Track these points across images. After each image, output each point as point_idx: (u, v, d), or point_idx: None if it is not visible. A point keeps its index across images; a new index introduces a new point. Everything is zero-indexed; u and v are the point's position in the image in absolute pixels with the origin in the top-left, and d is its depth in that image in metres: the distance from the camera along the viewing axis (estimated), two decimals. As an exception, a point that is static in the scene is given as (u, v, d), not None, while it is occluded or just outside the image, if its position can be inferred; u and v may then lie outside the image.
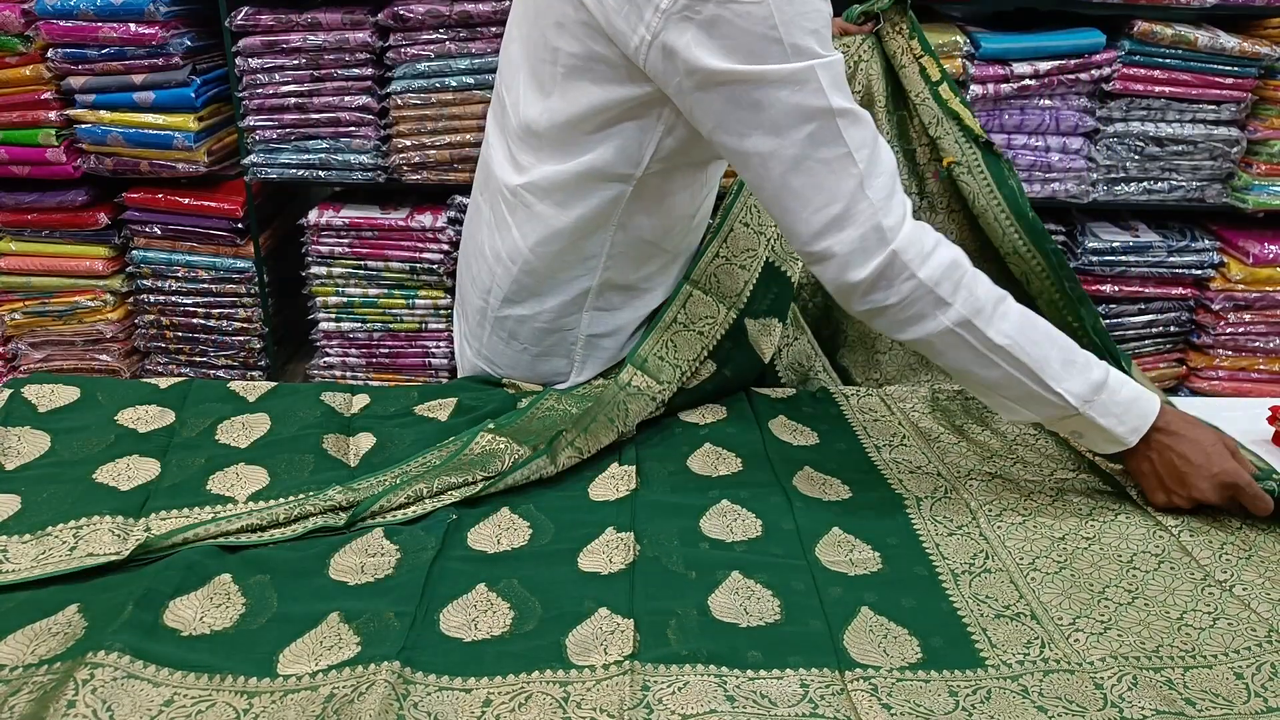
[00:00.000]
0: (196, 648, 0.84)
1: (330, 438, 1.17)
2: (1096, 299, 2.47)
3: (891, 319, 1.03)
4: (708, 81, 0.98)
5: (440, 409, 1.25)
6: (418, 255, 2.48)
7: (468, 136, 2.35)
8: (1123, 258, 2.41)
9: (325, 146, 2.42)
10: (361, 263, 2.51)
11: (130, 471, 1.10)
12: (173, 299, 2.60)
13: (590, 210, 1.18)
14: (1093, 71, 2.26)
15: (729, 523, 1.03)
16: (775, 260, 1.31)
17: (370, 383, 2.58)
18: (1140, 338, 2.54)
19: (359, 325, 2.58)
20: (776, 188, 1.00)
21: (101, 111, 2.39)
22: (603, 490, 1.10)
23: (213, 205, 2.48)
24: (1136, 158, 2.35)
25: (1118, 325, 2.50)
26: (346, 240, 2.49)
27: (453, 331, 1.46)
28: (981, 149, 1.37)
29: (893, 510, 1.08)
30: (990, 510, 1.08)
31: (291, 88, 2.35)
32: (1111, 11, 2.27)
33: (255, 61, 2.33)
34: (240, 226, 2.49)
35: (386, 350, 2.61)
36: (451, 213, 2.46)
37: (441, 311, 2.55)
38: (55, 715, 0.73)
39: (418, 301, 2.54)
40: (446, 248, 2.47)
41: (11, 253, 2.54)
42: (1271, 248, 2.38)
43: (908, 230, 0.99)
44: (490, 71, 2.31)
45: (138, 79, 2.35)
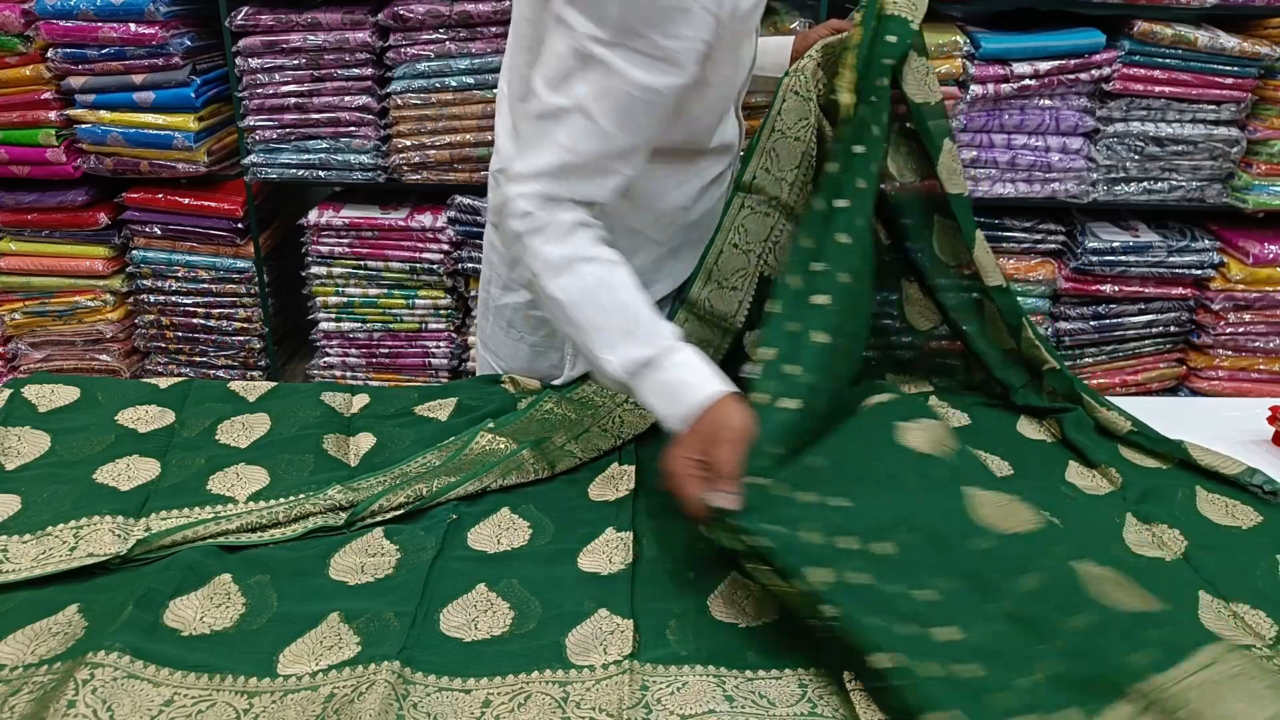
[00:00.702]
0: (197, 647, 0.84)
1: (330, 438, 1.18)
2: (1096, 299, 2.47)
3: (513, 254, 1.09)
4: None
5: (440, 409, 1.25)
6: (418, 255, 2.48)
7: (468, 136, 2.35)
8: (1123, 258, 2.41)
9: (325, 146, 2.42)
10: (361, 263, 2.51)
11: (130, 471, 1.10)
12: (173, 299, 2.60)
13: None
14: (1093, 71, 2.26)
15: None
16: (768, 272, 1.32)
17: (370, 383, 2.58)
18: (1140, 338, 2.54)
19: (359, 325, 2.58)
20: (517, 115, 1.14)
21: (101, 111, 2.39)
22: (602, 490, 1.10)
23: (213, 205, 2.48)
24: (1136, 158, 2.35)
25: (1118, 325, 2.50)
26: (346, 240, 2.49)
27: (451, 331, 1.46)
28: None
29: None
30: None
31: (291, 88, 2.36)
32: (1111, 11, 2.27)
33: (255, 61, 2.34)
34: (240, 226, 2.50)
35: (386, 350, 2.61)
36: (451, 213, 2.46)
37: (441, 311, 2.55)
38: (55, 715, 0.73)
39: (418, 301, 2.54)
40: (446, 248, 2.47)
41: (11, 253, 2.54)
42: (1271, 248, 2.38)
43: (539, 209, 1.02)
44: (490, 71, 2.31)
45: (138, 79, 2.35)
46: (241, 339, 2.63)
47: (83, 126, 2.41)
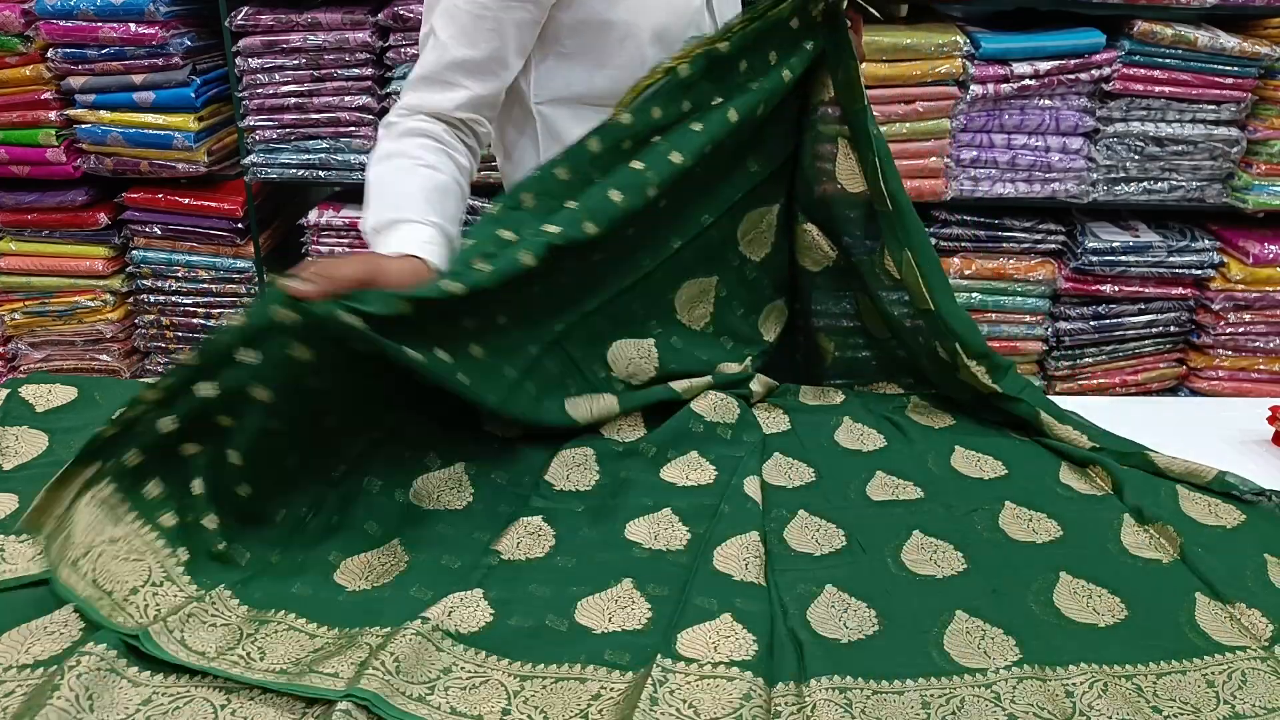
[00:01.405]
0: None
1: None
2: (1096, 299, 2.47)
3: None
4: None
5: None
6: (417, 255, 2.48)
7: (467, 136, 2.35)
8: (1123, 258, 2.41)
9: (325, 146, 2.42)
10: (361, 263, 2.50)
11: (128, 470, 1.10)
12: (173, 299, 2.60)
13: (516, 151, 1.30)
14: (1093, 71, 2.26)
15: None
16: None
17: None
18: (1140, 338, 2.53)
19: (359, 325, 2.58)
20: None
21: (101, 111, 2.39)
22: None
23: (213, 205, 2.48)
24: (1136, 158, 2.35)
25: (1118, 325, 2.50)
26: (346, 240, 2.49)
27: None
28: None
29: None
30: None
31: (291, 88, 2.36)
32: (1111, 11, 2.27)
33: (255, 61, 2.34)
34: (240, 226, 2.50)
35: (386, 350, 2.61)
36: (451, 213, 2.46)
37: (441, 311, 2.55)
38: (40, 697, 0.74)
39: (417, 301, 2.54)
40: (446, 248, 2.47)
41: (11, 253, 2.54)
42: (1271, 248, 2.38)
43: (401, 119, 1.20)
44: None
45: (138, 79, 2.35)
46: (241, 339, 2.63)
47: (83, 126, 2.41)
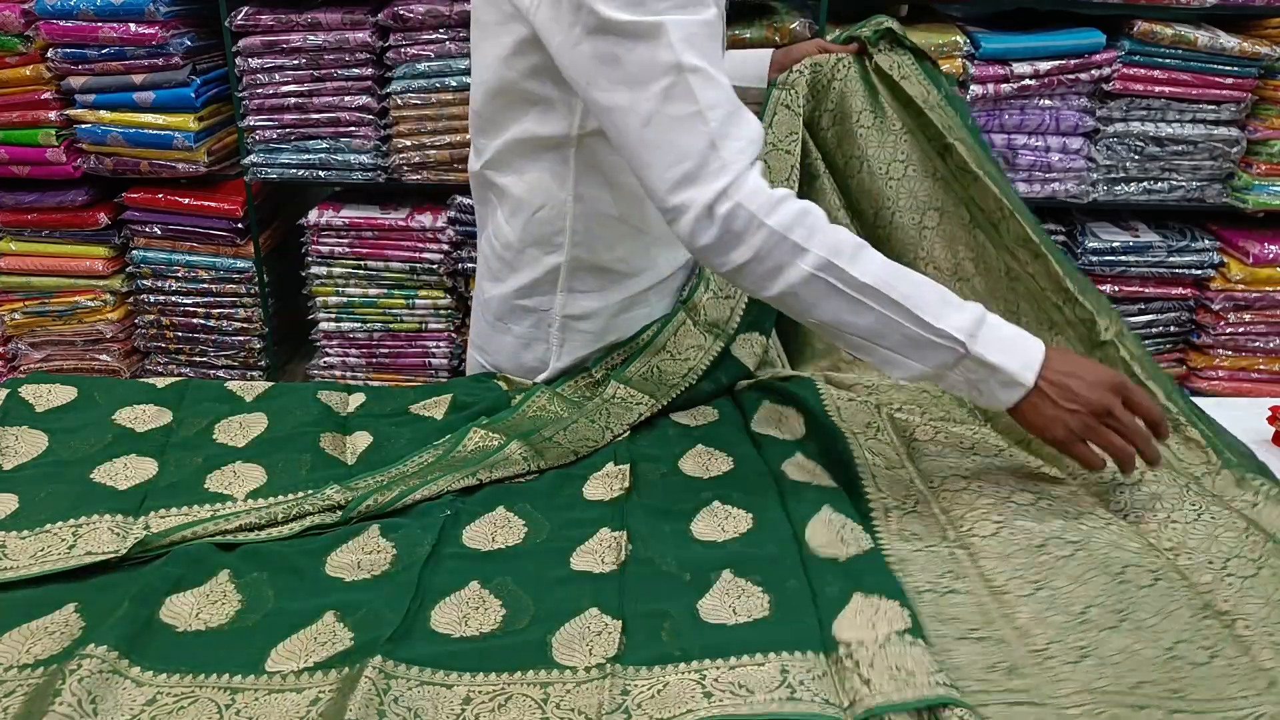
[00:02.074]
0: (189, 645, 0.84)
1: (327, 436, 1.18)
2: (1096, 299, 2.47)
3: (753, 276, 0.99)
4: (583, 35, 0.99)
5: (435, 407, 1.25)
6: (418, 255, 2.48)
7: (468, 137, 2.35)
8: (1123, 258, 2.41)
9: (325, 146, 2.42)
10: (361, 263, 2.51)
11: (128, 471, 1.10)
12: (173, 299, 2.60)
13: (541, 177, 1.20)
14: (1093, 71, 2.26)
15: (720, 523, 1.03)
16: None
17: (370, 383, 2.58)
18: (1140, 338, 2.53)
19: (359, 325, 2.58)
20: (634, 144, 1.00)
21: (101, 111, 2.39)
22: (597, 490, 1.10)
23: (213, 205, 2.48)
24: (1136, 158, 2.35)
25: (1118, 325, 2.50)
26: (346, 240, 2.49)
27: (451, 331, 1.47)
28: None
29: (859, 523, 1.03)
30: (963, 522, 1.03)
31: (291, 88, 2.36)
32: (1111, 11, 2.27)
33: (255, 61, 2.34)
34: (240, 226, 2.50)
35: (386, 350, 2.61)
36: (451, 213, 2.46)
37: (441, 311, 2.55)
38: (42, 704, 0.74)
39: (418, 301, 2.54)
40: (446, 248, 2.48)
41: (11, 253, 2.55)
42: (1271, 248, 2.38)
43: (753, 184, 0.98)
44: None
45: (138, 79, 2.36)
46: (241, 339, 2.64)
47: (83, 126, 2.41)
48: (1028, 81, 2.25)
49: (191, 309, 2.61)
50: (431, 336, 2.58)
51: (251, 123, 2.40)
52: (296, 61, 2.33)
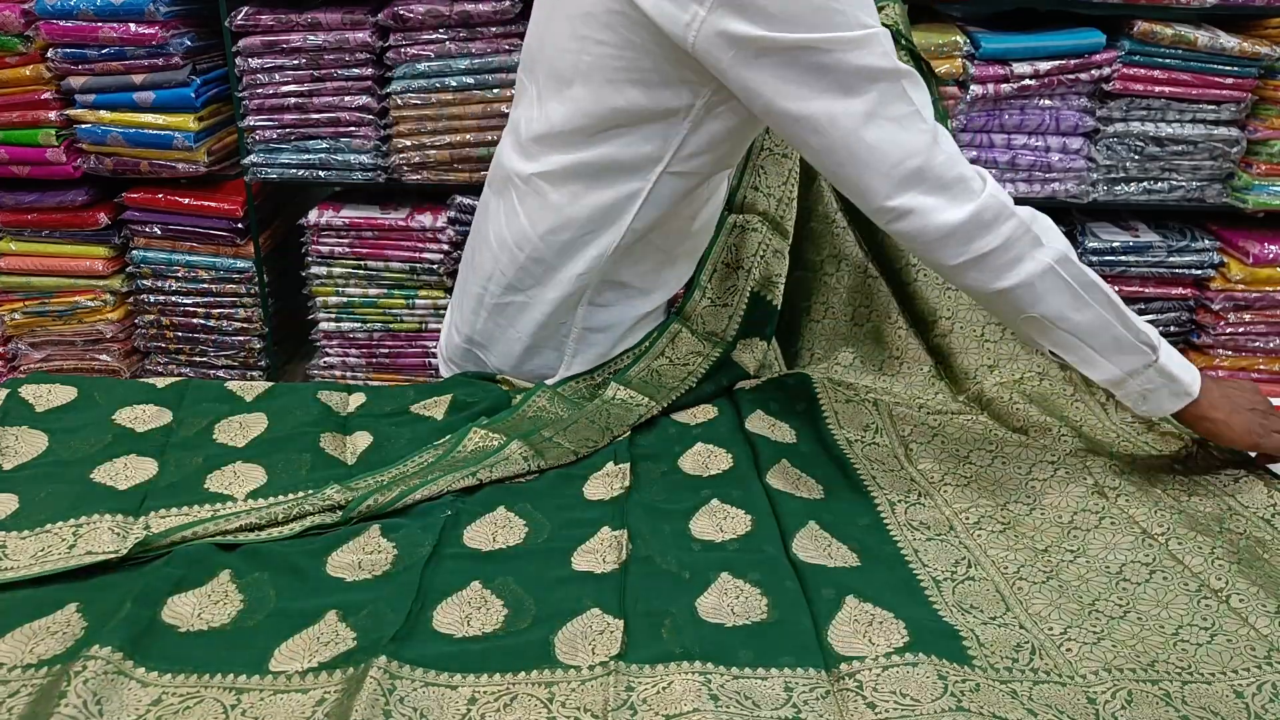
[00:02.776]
0: (191, 645, 0.84)
1: (327, 436, 1.18)
2: (1096, 299, 2.47)
3: (993, 265, 1.02)
4: (770, 49, 0.98)
5: (435, 407, 1.25)
6: (418, 255, 2.48)
7: (468, 136, 2.35)
8: (1123, 258, 2.41)
9: (325, 146, 2.42)
10: (361, 263, 2.51)
11: (128, 471, 1.10)
12: (173, 299, 2.60)
13: (605, 203, 1.18)
14: (1093, 71, 2.25)
15: (719, 522, 1.03)
16: (758, 289, 1.33)
17: (370, 383, 2.58)
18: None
19: (359, 325, 2.58)
20: (848, 148, 1.00)
21: (101, 111, 2.39)
22: (597, 489, 1.10)
23: (213, 205, 2.48)
24: (1136, 158, 2.35)
25: (1118, 325, 2.50)
26: (346, 240, 2.49)
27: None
28: None
29: (866, 513, 1.07)
30: (967, 518, 1.06)
31: (291, 88, 2.36)
32: (1111, 11, 2.27)
33: (255, 61, 2.34)
34: (240, 226, 2.50)
35: (386, 350, 2.61)
36: (451, 213, 2.46)
37: (441, 312, 2.55)
38: (47, 706, 0.74)
39: (418, 301, 2.54)
40: (446, 248, 2.47)
41: (11, 253, 2.54)
42: (1271, 248, 2.38)
43: (991, 180, 1.02)
44: (490, 71, 2.31)
45: (138, 79, 2.35)
46: (241, 339, 2.64)
47: (83, 126, 2.41)
48: (1028, 81, 2.25)
49: (191, 309, 2.61)
50: (431, 336, 2.58)
51: (251, 123, 2.40)
52: (296, 61, 2.33)
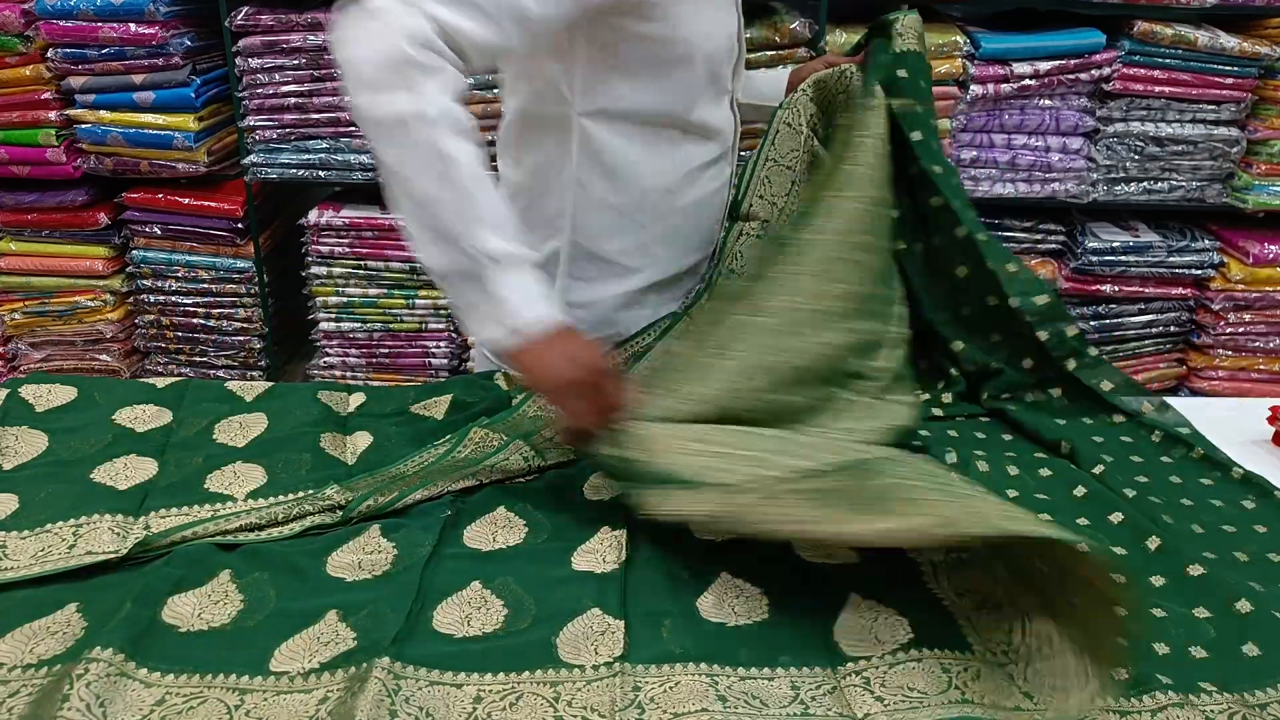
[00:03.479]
0: (192, 645, 0.84)
1: (327, 436, 1.18)
2: (1096, 299, 2.47)
3: (357, 81, 0.95)
4: None
5: (435, 407, 1.25)
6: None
7: (467, 136, 2.35)
8: (1123, 258, 2.41)
9: (325, 146, 2.42)
10: (361, 263, 2.51)
11: (128, 471, 1.10)
12: (173, 299, 2.60)
13: (540, 160, 1.24)
14: (1093, 71, 2.26)
15: None
16: None
17: (370, 383, 2.58)
18: (1140, 338, 2.53)
19: (359, 325, 2.58)
20: None
21: (101, 111, 2.39)
22: (597, 489, 1.10)
23: (213, 205, 2.48)
24: (1136, 158, 2.35)
25: (1118, 325, 2.50)
26: (346, 240, 2.49)
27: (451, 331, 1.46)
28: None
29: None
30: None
31: (291, 88, 2.36)
32: (1111, 11, 2.27)
33: (255, 61, 2.34)
34: (240, 226, 2.50)
35: (386, 350, 2.61)
36: (451, 213, 2.45)
37: (441, 311, 2.55)
38: (50, 709, 0.73)
39: (418, 301, 2.54)
40: (446, 248, 2.47)
41: (11, 253, 2.54)
42: (1271, 248, 2.38)
43: (420, 18, 0.94)
44: (490, 71, 2.30)
45: (138, 79, 2.35)
46: (241, 339, 2.64)
47: (83, 126, 2.41)
48: (1028, 81, 2.25)
49: (191, 309, 2.61)
50: (431, 336, 2.58)
51: (251, 123, 2.40)
52: (296, 61, 2.33)
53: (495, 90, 2.29)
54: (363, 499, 1.03)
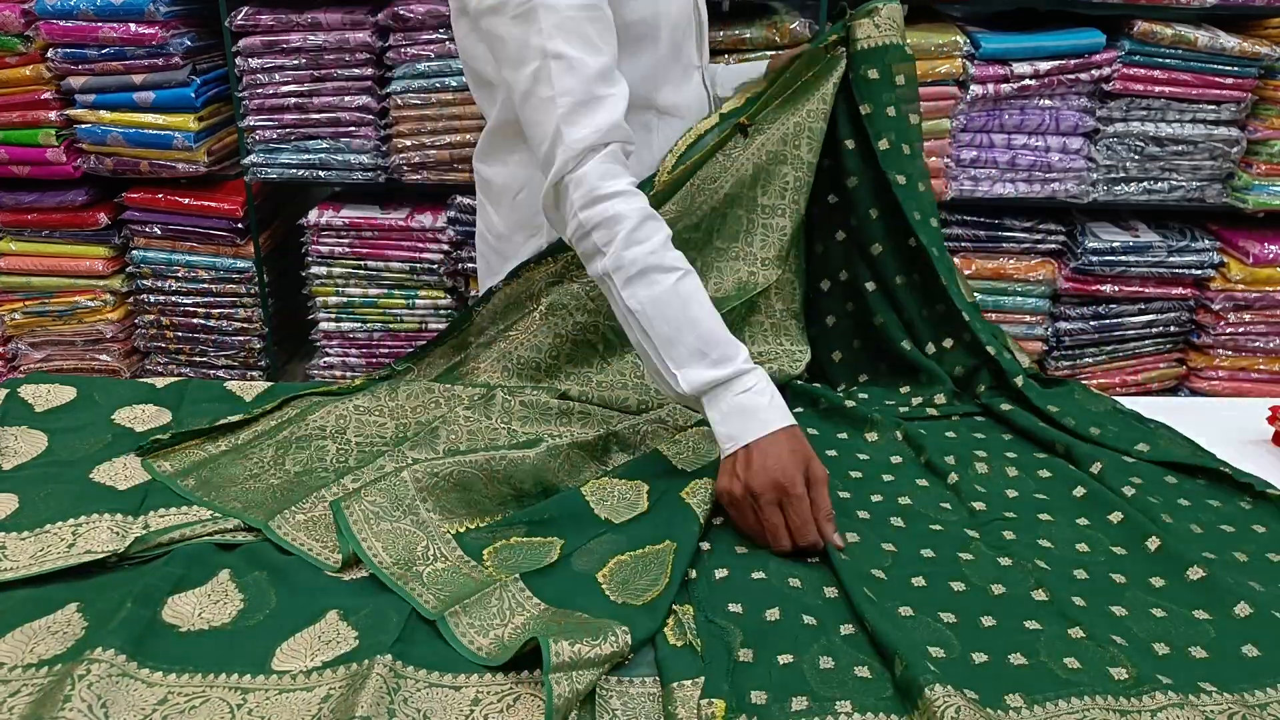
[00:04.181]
0: (193, 644, 0.84)
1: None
2: (1096, 299, 2.47)
3: (580, 253, 1.08)
4: (478, 16, 1.09)
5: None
6: (418, 255, 2.48)
7: (468, 136, 2.35)
8: (1123, 258, 2.41)
9: (325, 146, 2.42)
10: (361, 263, 2.51)
11: (127, 470, 1.10)
12: (173, 299, 2.60)
13: (521, 160, 1.24)
14: (1093, 71, 2.26)
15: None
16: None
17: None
18: (1140, 338, 2.53)
19: (359, 325, 2.58)
20: (521, 121, 1.10)
21: (101, 111, 2.39)
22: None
23: (213, 205, 2.48)
24: (1136, 158, 2.35)
25: (1118, 325, 2.50)
26: (346, 240, 2.49)
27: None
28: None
29: None
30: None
31: (291, 88, 2.36)
32: (1111, 11, 2.27)
33: (255, 61, 2.34)
34: (240, 226, 2.50)
35: (386, 350, 2.61)
36: (451, 213, 2.46)
37: (441, 311, 2.55)
38: (50, 710, 0.73)
39: (418, 301, 2.54)
40: (446, 248, 2.47)
41: (11, 253, 2.54)
42: (1271, 248, 2.38)
43: (587, 171, 1.04)
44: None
45: (138, 79, 2.35)
46: (241, 339, 2.64)
47: (83, 126, 2.41)
48: (1028, 81, 2.25)
49: (191, 309, 2.61)
50: (432, 336, 2.58)
51: (251, 123, 2.40)
52: (296, 61, 2.33)
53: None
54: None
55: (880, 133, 1.29)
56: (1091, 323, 2.49)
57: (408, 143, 2.38)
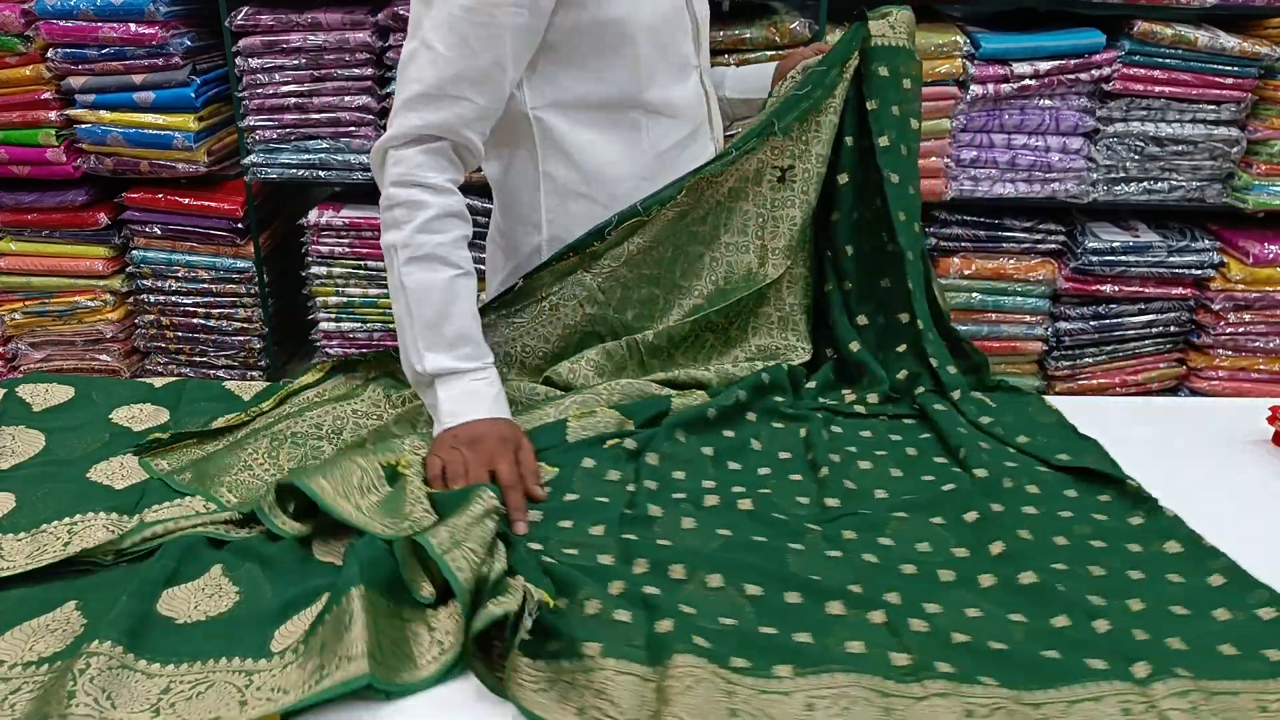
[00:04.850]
0: (190, 635, 0.84)
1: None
2: (1096, 299, 2.47)
3: (380, 215, 1.16)
4: None
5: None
6: (417, 255, 2.48)
7: (467, 136, 2.35)
8: (1123, 258, 2.41)
9: (325, 146, 2.42)
10: (361, 263, 2.51)
11: (125, 470, 1.10)
12: (173, 299, 2.60)
13: (510, 159, 1.28)
14: (1093, 71, 2.25)
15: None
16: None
17: (370, 383, 2.58)
18: (1140, 338, 2.53)
19: (359, 325, 2.58)
20: None
21: (101, 111, 2.40)
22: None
23: (213, 205, 2.48)
24: (1136, 158, 2.35)
25: (1118, 325, 2.50)
26: (346, 240, 2.49)
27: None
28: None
29: None
30: None
31: (291, 88, 2.36)
32: (1111, 11, 2.27)
33: (255, 61, 2.34)
34: (240, 226, 2.50)
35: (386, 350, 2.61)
36: (451, 213, 2.46)
37: (441, 311, 2.55)
38: (57, 707, 0.74)
39: (417, 301, 2.54)
40: (446, 248, 2.47)
41: (11, 253, 2.55)
42: (1271, 248, 2.37)
43: (410, 155, 1.12)
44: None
45: (138, 79, 2.36)
46: (241, 339, 2.64)
47: (83, 126, 2.41)
48: (1028, 81, 2.25)
49: (191, 309, 2.61)
50: (431, 336, 2.58)
51: (251, 123, 2.40)
52: (296, 61, 2.34)
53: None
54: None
55: (882, 129, 1.30)
56: (1091, 323, 2.49)
57: (407, 143, 2.38)
